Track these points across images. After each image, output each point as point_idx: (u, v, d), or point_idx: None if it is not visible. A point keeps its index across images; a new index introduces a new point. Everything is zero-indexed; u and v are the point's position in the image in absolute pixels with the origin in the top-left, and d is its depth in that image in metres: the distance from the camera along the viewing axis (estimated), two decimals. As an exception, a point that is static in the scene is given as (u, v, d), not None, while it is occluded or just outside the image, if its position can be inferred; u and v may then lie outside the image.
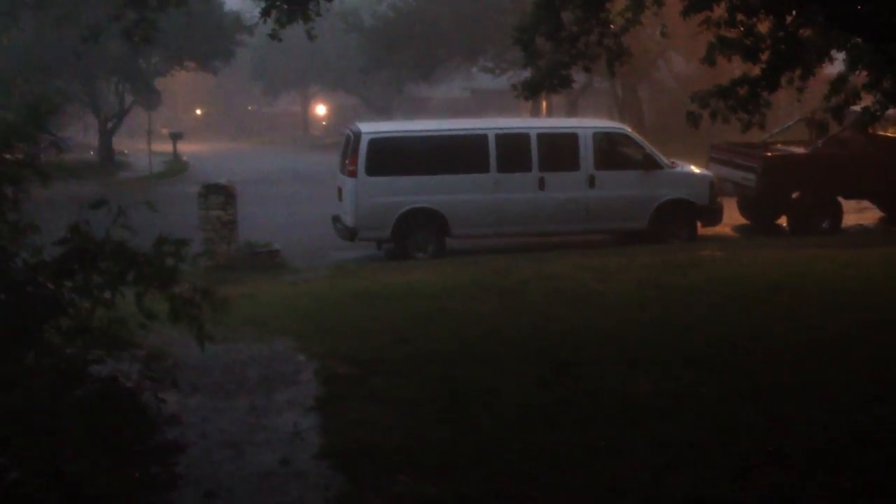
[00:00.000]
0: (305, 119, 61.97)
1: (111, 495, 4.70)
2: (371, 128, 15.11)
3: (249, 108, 65.84)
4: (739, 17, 8.56)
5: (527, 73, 10.06)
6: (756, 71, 8.94)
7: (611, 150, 14.98)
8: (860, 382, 6.31)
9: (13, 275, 4.75)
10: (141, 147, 35.64)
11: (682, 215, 14.80)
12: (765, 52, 8.67)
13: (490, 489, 4.85)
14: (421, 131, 15.27)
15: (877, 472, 4.86)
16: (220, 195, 13.85)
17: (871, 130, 15.77)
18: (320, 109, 62.26)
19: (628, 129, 15.99)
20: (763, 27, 8.82)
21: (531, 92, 9.64)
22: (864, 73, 9.66)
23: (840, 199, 15.85)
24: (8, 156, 4.92)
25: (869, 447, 5.15)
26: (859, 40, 8.89)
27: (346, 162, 14.49)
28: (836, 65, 10.42)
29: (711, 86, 9.24)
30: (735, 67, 10.83)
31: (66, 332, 4.96)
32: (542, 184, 14.45)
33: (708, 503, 4.62)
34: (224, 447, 5.66)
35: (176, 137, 36.24)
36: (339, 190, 14.92)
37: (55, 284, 4.90)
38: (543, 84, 9.49)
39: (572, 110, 34.27)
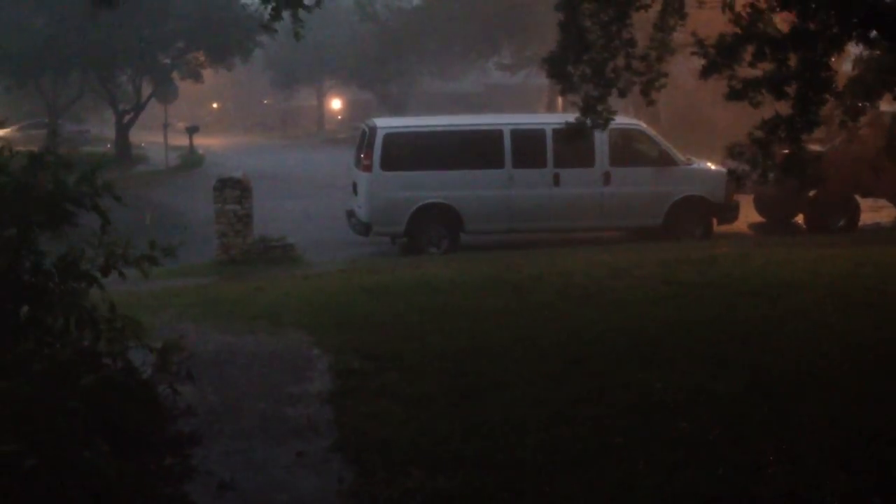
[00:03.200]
0: (321, 113, 62.08)
1: (126, 485, 4.74)
2: (386, 123, 15.15)
3: (265, 102, 66.05)
4: (768, 50, 8.32)
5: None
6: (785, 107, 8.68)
7: (626, 147, 14.96)
8: (876, 381, 6.27)
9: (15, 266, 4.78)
10: (157, 140, 35.82)
11: (698, 212, 14.77)
12: (791, 85, 8.37)
13: (502, 484, 4.85)
14: (436, 127, 15.29)
15: (892, 471, 4.84)
16: (235, 189, 13.93)
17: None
18: (335, 104, 62.36)
19: (644, 126, 15.95)
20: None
21: (574, 136, 9.69)
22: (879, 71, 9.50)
23: (857, 197, 15.77)
24: None
25: (884, 446, 5.12)
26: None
27: (361, 157, 14.53)
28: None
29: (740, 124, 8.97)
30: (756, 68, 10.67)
31: (77, 321, 4.99)
32: (556, 180, 14.44)
33: (721, 501, 4.61)
34: (238, 439, 5.69)
35: (192, 131, 36.41)
36: (354, 185, 14.97)
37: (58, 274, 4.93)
38: (585, 124, 9.49)
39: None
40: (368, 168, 14.22)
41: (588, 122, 9.37)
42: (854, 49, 9.79)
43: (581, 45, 8.82)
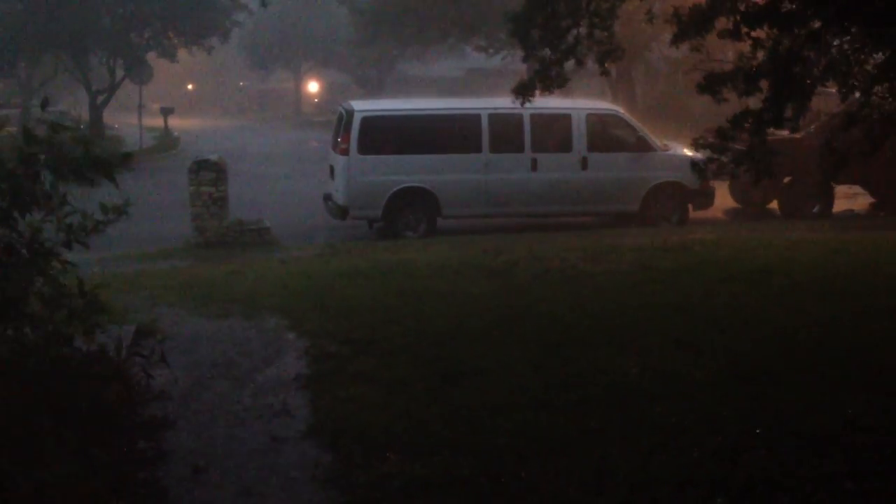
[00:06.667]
0: (298, 96, 61.70)
1: (98, 470, 4.69)
2: (364, 106, 15.05)
3: (241, 84, 65.56)
4: (744, 29, 8.26)
5: (520, 55, 9.86)
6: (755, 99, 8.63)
7: (604, 132, 14.96)
8: (849, 367, 6.32)
9: None
10: (131, 122, 35.45)
11: (674, 198, 14.82)
12: (764, 79, 8.30)
13: (479, 469, 4.85)
14: (414, 110, 15.20)
15: (865, 456, 4.88)
16: (210, 171, 13.80)
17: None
18: (312, 86, 61.99)
19: (621, 111, 15.96)
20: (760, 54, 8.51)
21: (523, 93, 9.44)
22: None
23: (831, 184, 15.87)
24: None
25: (857, 432, 5.16)
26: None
27: (339, 140, 14.44)
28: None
29: (706, 73, 8.95)
30: (727, 48, 10.66)
31: (47, 301, 4.90)
32: (534, 165, 14.43)
33: (696, 485, 4.63)
34: (213, 424, 5.65)
35: (167, 113, 36.06)
36: (331, 168, 14.87)
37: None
38: (534, 85, 9.26)
39: (565, 92, 34.19)
40: (345, 151, 14.13)
41: (538, 85, 9.22)
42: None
43: (548, 8, 8.67)
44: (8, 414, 4.09)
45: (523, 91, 9.35)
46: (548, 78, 9.10)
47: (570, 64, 9.60)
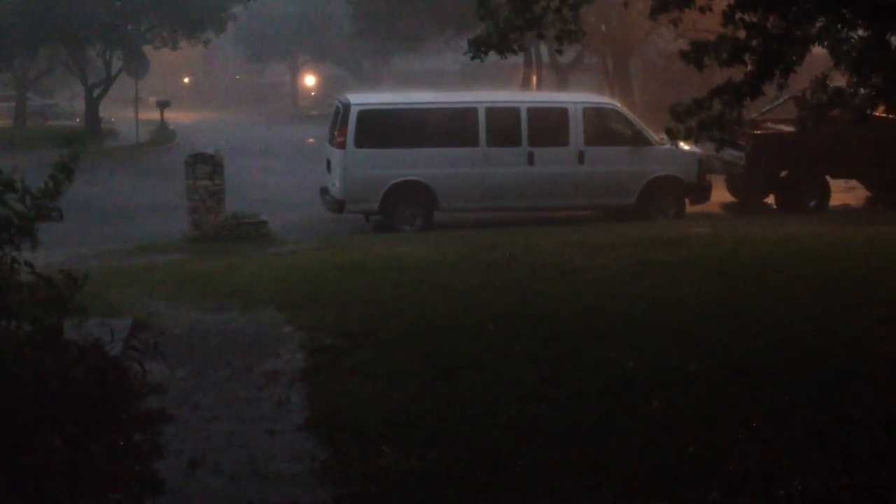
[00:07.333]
0: (294, 90, 61.55)
1: (94, 464, 4.69)
2: (360, 99, 15.03)
3: (237, 77, 65.39)
4: (738, 14, 8.21)
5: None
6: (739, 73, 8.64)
7: (601, 126, 14.94)
8: (844, 361, 6.34)
9: None
10: (128, 115, 35.30)
11: (671, 192, 14.81)
12: (749, 53, 8.31)
13: (475, 462, 4.86)
14: (411, 104, 15.19)
15: (858, 450, 4.90)
16: (207, 165, 13.77)
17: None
18: (309, 80, 61.82)
19: (618, 105, 15.95)
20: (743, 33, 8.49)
21: (475, 51, 9.35)
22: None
23: (828, 178, 15.89)
24: None
25: (851, 426, 5.18)
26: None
27: (335, 133, 14.41)
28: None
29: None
30: (713, 23, 10.58)
31: (37, 297, 4.89)
32: (531, 158, 14.41)
33: (692, 478, 4.64)
34: (209, 417, 5.66)
35: (163, 106, 35.93)
36: (328, 161, 14.86)
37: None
38: (490, 45, 9.16)
39: (562, 85, 34.14)
40: (342, 145, 14.11)
41: (498, 45, 9.06)
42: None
43: None
44: (5, 408, 4.08)
45: (478, 46, 9.24)
46: (507, 41, 8.98)
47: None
